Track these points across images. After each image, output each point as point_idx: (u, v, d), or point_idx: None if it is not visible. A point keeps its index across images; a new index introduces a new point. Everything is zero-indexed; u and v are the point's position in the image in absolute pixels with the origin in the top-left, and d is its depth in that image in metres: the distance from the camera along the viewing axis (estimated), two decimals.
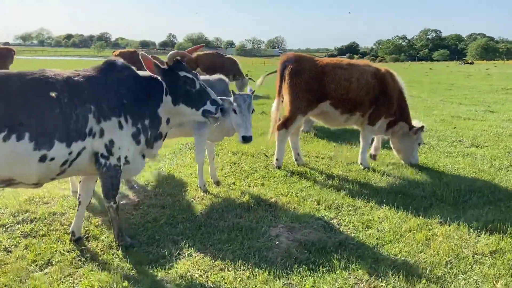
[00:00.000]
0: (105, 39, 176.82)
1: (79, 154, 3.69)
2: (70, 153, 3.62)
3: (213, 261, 3.98)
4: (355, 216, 5.04)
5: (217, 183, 6.12)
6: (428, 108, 14.36)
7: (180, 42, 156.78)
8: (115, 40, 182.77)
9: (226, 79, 5.73)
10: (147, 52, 5.27)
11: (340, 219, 4.93)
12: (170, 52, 4.11)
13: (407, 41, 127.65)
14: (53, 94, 3.53)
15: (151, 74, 4.03)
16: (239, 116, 5.08)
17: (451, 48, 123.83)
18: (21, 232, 4.49)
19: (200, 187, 5.79)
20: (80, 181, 4.26)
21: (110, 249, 4.18)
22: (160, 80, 4.04)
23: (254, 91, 5.41)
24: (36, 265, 3.86)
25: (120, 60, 4.00)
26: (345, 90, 6.70)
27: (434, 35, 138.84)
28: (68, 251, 4.11)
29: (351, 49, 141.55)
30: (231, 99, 5.14)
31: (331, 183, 6.19)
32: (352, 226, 4.76)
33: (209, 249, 4.22)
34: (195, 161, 5.89)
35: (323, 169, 6.92)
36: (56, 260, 3.94)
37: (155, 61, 3.99)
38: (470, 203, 5.49)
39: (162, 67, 4.02)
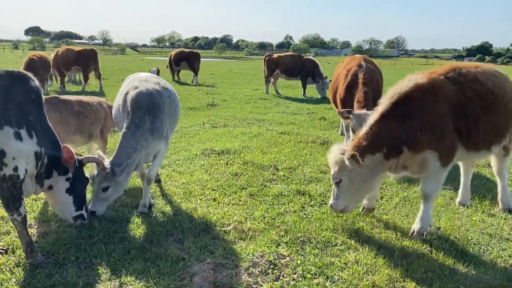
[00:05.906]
0: (227, 41, 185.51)
1: None
2: None
3: None
4: (317, 256, 3.99)
5: None
6: None
7: (296, 43, 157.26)
8: (235, 42, 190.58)
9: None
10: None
11: (291, 259, 3.92)
12: None
13: None
14: None
15: None
16: None
17: None
18: None
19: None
20: None
21: (16, 267, 3.83)
22: None
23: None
24: None
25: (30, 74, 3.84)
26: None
27: None
28: None
29: (483, 50, 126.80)
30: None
31: (325, 209, 5.13)
32: (301, 270, 3.74)
33: (116, 281, 3.64)
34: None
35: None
36: None
37: None
38: (490, 257, 4.03)
39: None
